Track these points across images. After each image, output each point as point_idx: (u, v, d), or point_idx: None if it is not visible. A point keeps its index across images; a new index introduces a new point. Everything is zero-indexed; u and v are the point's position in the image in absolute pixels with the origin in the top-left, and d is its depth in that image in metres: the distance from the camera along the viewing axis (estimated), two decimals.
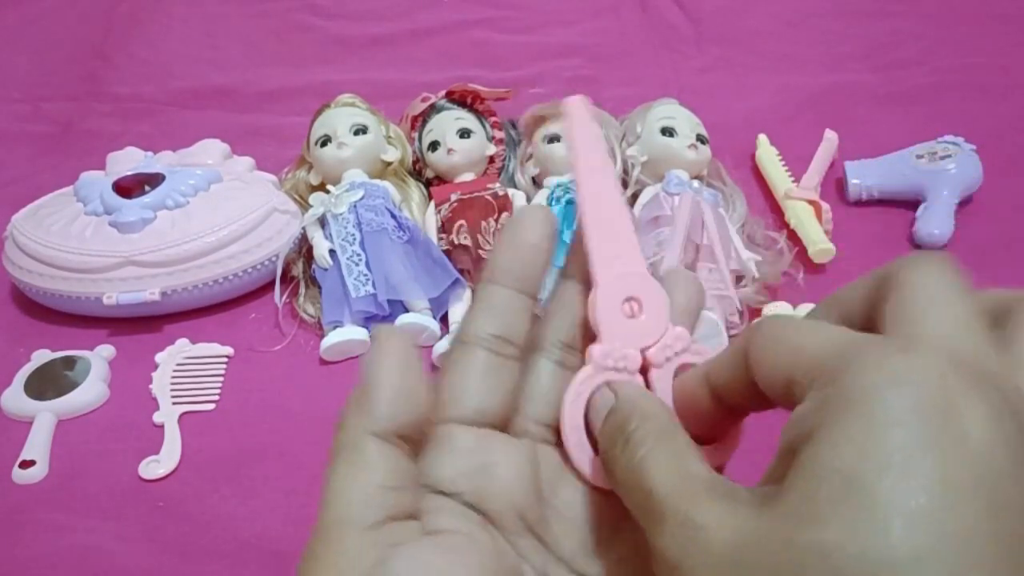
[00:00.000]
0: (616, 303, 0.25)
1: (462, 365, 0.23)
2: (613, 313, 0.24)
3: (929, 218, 0.67)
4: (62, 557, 0.48)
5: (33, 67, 0.96)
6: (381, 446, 0.21)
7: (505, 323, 0.24)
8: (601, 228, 0.25)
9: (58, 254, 0.61)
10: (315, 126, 0.68)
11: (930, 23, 0.95)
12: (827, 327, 0.19)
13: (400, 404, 0.21)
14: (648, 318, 0.25)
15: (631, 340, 0.24)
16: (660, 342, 0.25)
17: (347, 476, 0.21)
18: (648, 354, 0.24)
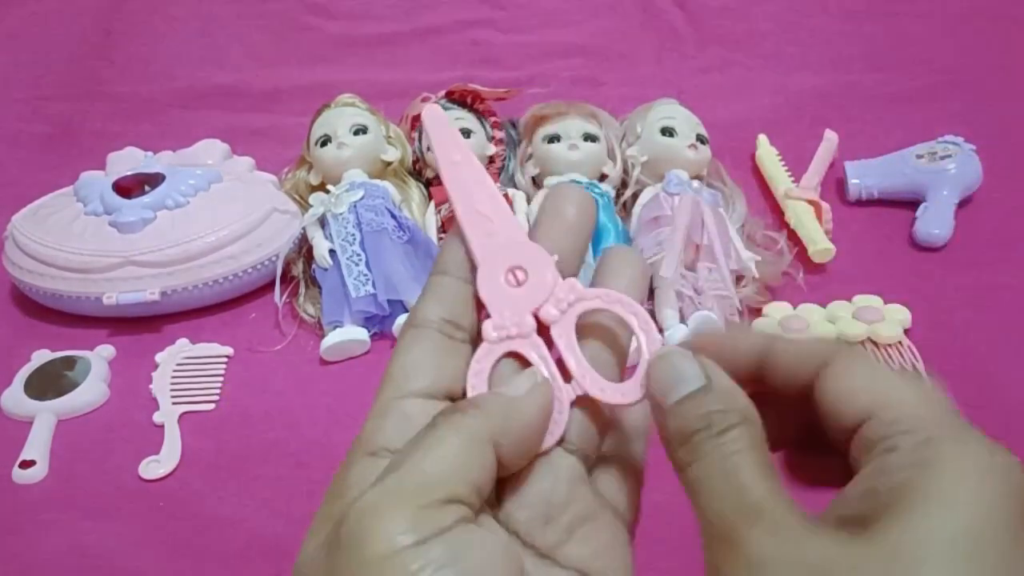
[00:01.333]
0: (498, 276, 0.25)
1: (415, 345, 0.25)
2: (496, 286, 0.25)
3: (929, 218, 0.67)
4: (62, 557, 0.48)
5: (33, 67, 0.96)
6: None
7: (454, 309, 0.25)
8: (469, 212, 0.26)
9: (58, 254, 0.61)
10: (315, 126, 0.68)
11: (930, 23, 0.95)
12: (920, 385, 0.22)
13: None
14: (533, 280, 0.25)
15: (520, 307, 0.25)
16: (550, 299, 0.25)
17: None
18: (540, 313, 0.25)
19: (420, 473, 0.21)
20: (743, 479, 0.21)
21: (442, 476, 0.21)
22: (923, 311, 0.59)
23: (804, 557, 0.19)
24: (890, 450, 0.20)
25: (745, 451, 0.21)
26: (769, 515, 0.20)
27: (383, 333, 0.61)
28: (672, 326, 0.57)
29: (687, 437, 0.22)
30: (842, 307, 0.60)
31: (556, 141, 0.66)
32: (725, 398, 0.22)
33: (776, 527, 0.20)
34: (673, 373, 0.23)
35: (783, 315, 0.59)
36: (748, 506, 0.20)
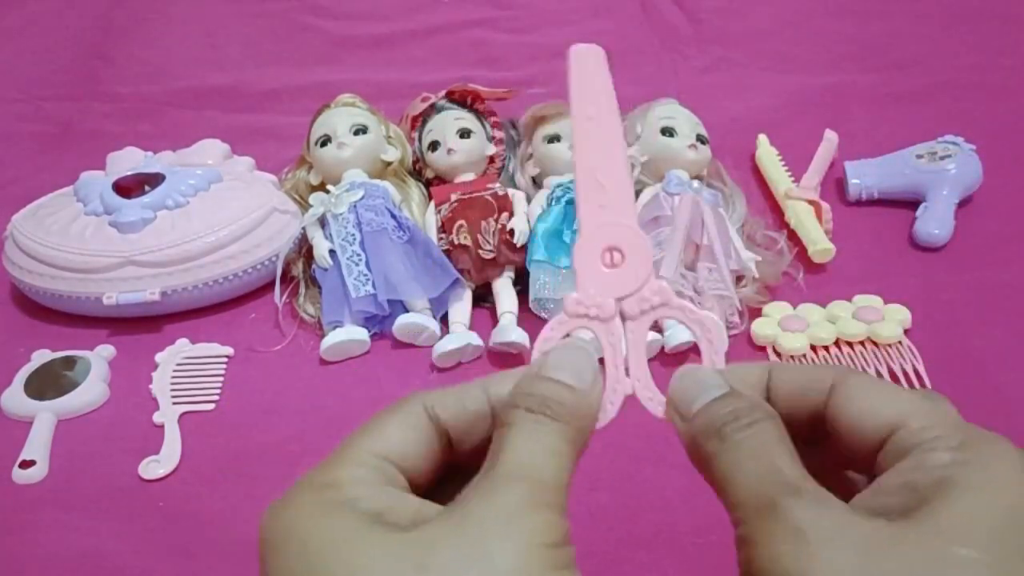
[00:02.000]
0: (595, 252, 0.25)
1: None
2: (590, 261, 0.25)
3: (929, 218, 0.67)
4: (62, 557, 0.47)
5: (33, 67, 0.96)
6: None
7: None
8: (588, 178, 0.25)
9: (58, 254, 0.61)
10: (315, 126, 0.68)
11: (930, 23, 0.95)
12: (930, 398, 0.24)
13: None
14: (628, 269, 0.25)
15: (607, 289, 0.25)
16: (637, 294, 0.25)
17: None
18: (623, 304, 0.25)
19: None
20: (778, 461, 0.22)
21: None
22: (923, 311, 0.59)
23: (851, 530, 0.20)
24: (928, 451, 0.22)
25: (776, 441, 0.23)
26: (810, 490, 0.21)
27: (383, 333, 0.61)
28: (673, 325, 0.57)
29: (716, 430, 0.23)
30: (842, 307, 0.60)
31: (556, 141, 0.66)
32: (750, 400, 0.24)
33: (820, 500, 0.21)
34: (698, 384, 0.24)
35: (783, 315, 0.59)
36: (787, 482, 0.21)
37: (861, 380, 0.24)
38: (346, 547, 0.21)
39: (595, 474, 0.49)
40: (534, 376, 0.24)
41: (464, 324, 0.60)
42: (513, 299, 0.61)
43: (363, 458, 0.24)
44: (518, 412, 0.23)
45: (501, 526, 0.21)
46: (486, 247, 0.61)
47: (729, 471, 0.22)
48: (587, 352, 0.25)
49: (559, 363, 0.24)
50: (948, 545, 0.19)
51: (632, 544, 0.45)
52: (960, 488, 0.20)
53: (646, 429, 0.53)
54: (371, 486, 0.23)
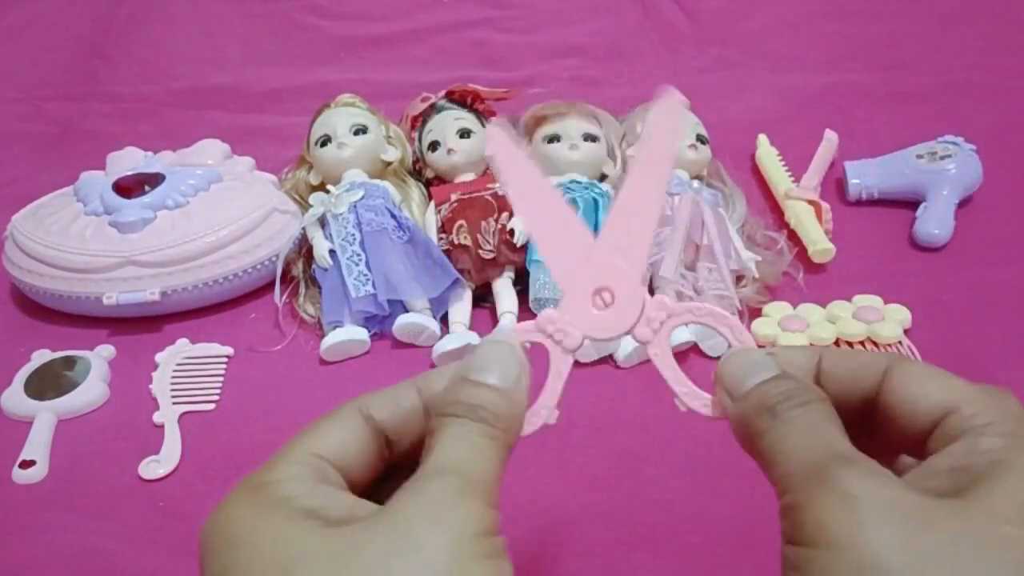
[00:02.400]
0: (589, 286, 0.25)
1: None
2: (581, 294, 0.25)
3: (929, 218, 0.67)
4: (62, 557, 0.47)
5: (33, 67, 0.96)
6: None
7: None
8: (620, 219, 0.26)
9: (58, 254, 0.61)
10: (315, 126, 0.68)
11: (930, 23, 0.95)
12: (984, 387, 0.24)
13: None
14: (616, 310, 0.25)
15: (585, 324, 0.25)
16: (640, 319, 0.25)
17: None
18: (635, 334, 0.25)
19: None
20: (831, 435, 0.22)
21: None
22: (923, 311, 0.59)
23: (902, 502, 0.20)
24: (981, 435, 0.22)
25: (829, 419, 0.23)
26: (863, 461, 0.21)
27: (383, 333, 0.61)
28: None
29: (769, 408, 0.24)
30: (842, 307, 0.60)
31: (556, 141, 0.66)
32: (802, 383, 0.24)
33: (872, 471, 0.21)
34: (750, 365, 0.25)
35: (783, 315, 0.59)
36: (840, 453, 0.22)
37: (915, 366, 0.25)
38: (277, 544, 0.21)
39: (595, 474, 0.49)
40: (460, 380, 0.25)
41: (464, 324, 0.60)
42: (513, 299, 0.61)
43: (299, 457, 0.25)
44: (446, 419, 0.24)
45: (428, 518, 0.21)
46: (486, 247, 0.61)
47: (780, 443, 0.23)
48: (511, 348, 0.25)
49: (484, 363, 0.25)
50: (999, 524, 0.19)
51: (632, 544, 0.45)
52: (1012, 471, 0.21)
53: (646, 429, 0.53)
54: (306, 484, 0.24)
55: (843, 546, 0.20)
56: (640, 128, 0.67)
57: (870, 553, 0.19)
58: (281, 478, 0.24)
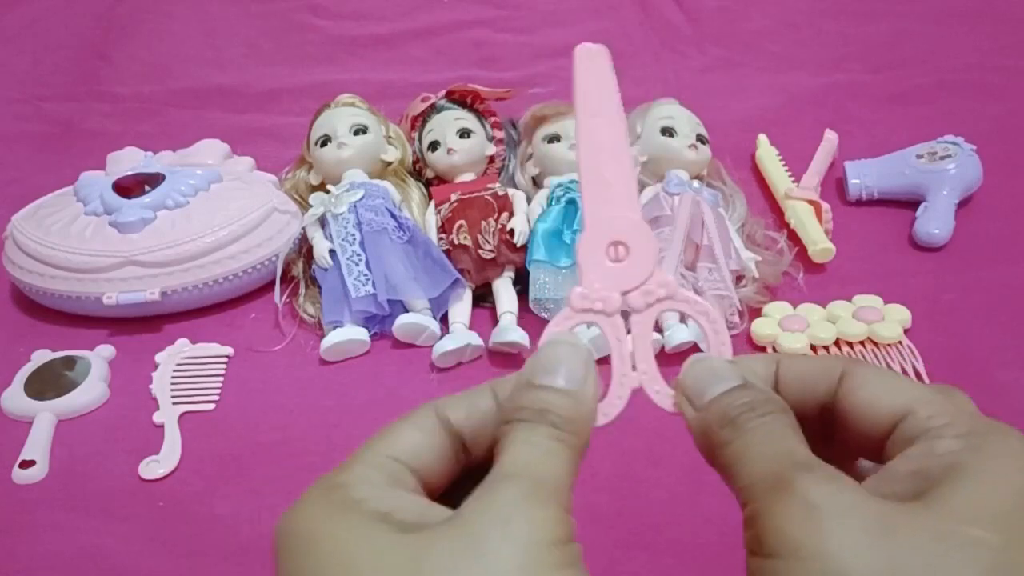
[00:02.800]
0: (600, 246, 0.25)
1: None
2: (594, 256, 0.25)
3: (929, 218, 0.67)
4: (62, 557, 0.47)
5: (33, 67, 0.96)
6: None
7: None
8: (592, 174, 0.25)
9: (58, 254, 0.61)
10: (315, 126, 0.68)
11: (930, 23, 0.95)
12: (936, 389, 0.24)
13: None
14: (633, 262, 0.25)
15: (611, 283, 0.25)
16: (642, 287, 0.25)
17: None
18: (628, 298, 0.25)
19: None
20: (792, 445, 0.22)
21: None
22: (923, 311, 0.59)
23: (863, 507, 0.20)
24: (937, 438, 0.22)
25: (790, 429, 0.23)
26: (824, 469, 0.21)
27: (383, 333, 0.61)
28: (672, 326, 0.57)
29: (730, 420, 0.23)
30: (842, 307, 0.60)
31: (556, 141, 0.66)
32: (764, 392, 0.24)
33: (833, 478, 0.21)
34: (711, 374, 0.24)
35: (783, 315, 0.59)
36: (801, 461, 0.22)
37: (870, 370, 0.25)
38: (348, 546, 0.21)
39: (595, 474, 0.49)
40: (526, 385, 0.24)
41: (464, 324, 0.60)
42: (513, 299, 0.61)
43: (373, 460, 0.24)
44: (514, 424, 0.23)
45: (498, 525, 0.21)
46: (486, 247, 0.61)
47: (741, 454, 0.23)
48: (576, 347, 0.25)
49: (549, 366, 0.24)
50: (959, 526, 0.20)
51: (632, 544, 0.45)
52: (970, 472, 0.21)
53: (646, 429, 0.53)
54: (378, 487, 0.23)
55: (806, 556, 0.20)
56: (640, 128, 0.67)
57: (833, 562, 0.19)
58: (354, 480, 0.23)
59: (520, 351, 0.58)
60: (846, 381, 0.24)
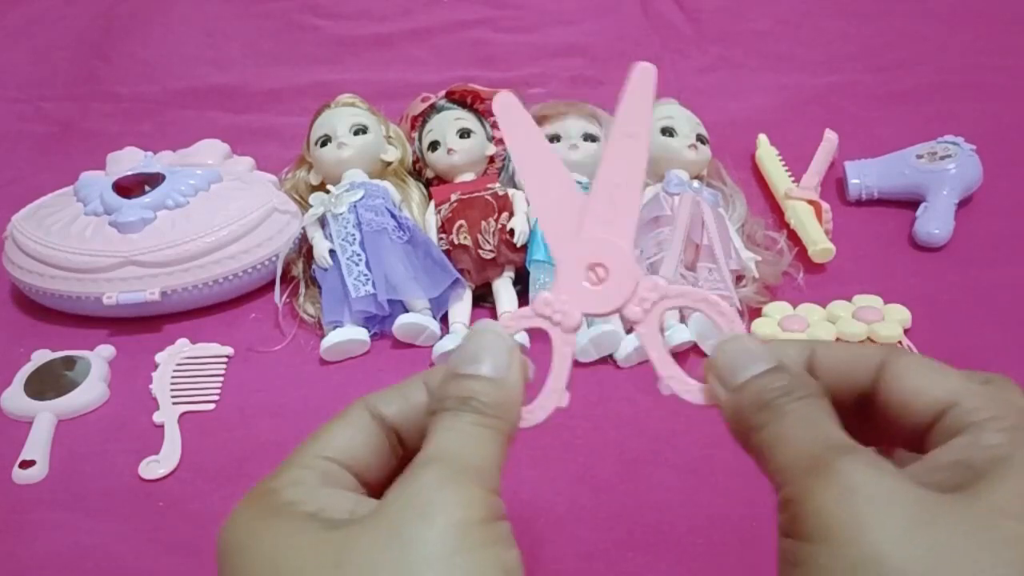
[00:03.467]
0: (583, 262, 0.25)
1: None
2: (575, 270, 0.25)
3: (929, 218, 0.67)
4: (62, 557, 0.47)
5: (33, 67, 0.96)
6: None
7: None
8: (604, 190, 0.25)
9: (58, 254, 0.61)
10: (315, 126, 0.68)
11: (930, 23, 0.95)
12: (979, 378, 0.24)
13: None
14: (611, 286, 0.25)
15: (579, 301, 0.25)
16: (632, 299, 0.25)
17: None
18: (624, 313, 0.25)
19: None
20: (830, 428, 0.22)
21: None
22: (923, 311, 0.59)
23: (905, 494, 0.20)
24: (983, 430, 0.22)
25: (827, 414, 0.22)
26: (865, 453, 0.21)
27: (383, 333, 0.61)
28: (672, 326, 0.57)
29: (766, 402, 0.23)
30: (842, 307, 0.60)
31: (556, 141, 0.66)
32: (801, 376, 0.24)
33: (874, 463, 0.21)
34: (745, 354, 0.24)
35: (783, 315, 0.59)
36: (840, 443, 0.21)
37: (913, 359, 0.24)
38: (275, 550, 0.21)
39: (595, 474, 0.49)
40: (450, 375, 0.24)
41: (464, 324, 0.60)
42: (513, 299, 0.61)
43: (305, 461, 0.24)
44: (439, 414, 0.24)
45: (418, 509, 0.20)
46: (486, 247, 0.61)
47: (777, 437, 0.22)
48: (500, 336, 0.25)
49: (474, 355, 0.24)
50: (1003, 519, 0.19)
51: (632, 544, 0.45)
52: (1016, 466, 0.20)
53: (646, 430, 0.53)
54: (310, 488, 0.23)
55: (844, 540, 0.19)
56: None
57: (871, 548, 0.19)
58: (285, 484, 0.23)
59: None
60: (887, 370, 0.24)
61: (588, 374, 0.57)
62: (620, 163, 0.25)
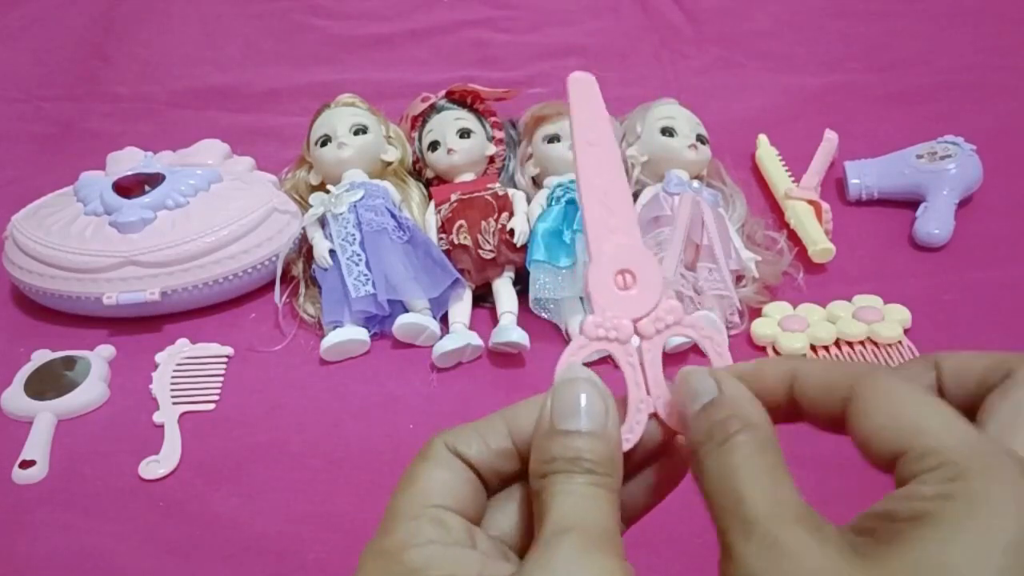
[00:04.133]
0: (608, 275, 0.25)
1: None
2: (605, 285, 0.25)
3: (929, 218, 0.67)
4: (62, 557, 0.47)
5: (33, 67, 0.96)
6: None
7: None
8: (596, 203, 0.25)
9: (58, 254, 0.61)
10: (315, 126, 0.68)
11: (930, 23, 0.95)
12: (946, 410, 0.21)
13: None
14: (640, 290, 0.25)
15: (622, 311, 0.25)
16: (652, 314, 0.25)
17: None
18: (639, 325, 0.25)
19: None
20: (742, 490, 0.21)
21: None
22: (923, 311, 0.59)
23: (801, 570, 0.19)
24: (920, 482, 0.20)
25: (746, 459, 0.21)
26: (763, 528, 0.20)
27: (383, 333, 0.61)
28: None
29: (695, 450, 0.23)
30: (842, 307, 0.60)
31: (556, 141, 0.66)
32: (731, 405, 0.23)
33: (770, 541, 0.20)
34: (689, 390, 0.24)
35: (783, 315, 0.59)
36: (743, 519, 0.21)
37: (879, 388, 0.22)
38: None
39: None
40: (551, 432, 0.23)
41: (464, 324, 0.60)
42: (513, 299, 0.61)
43: (415, 512, 0.23)
44: (549, 478, 0.23)
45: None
46: (486, 247, 0.61)
47: (706, 500, 0.22)
48: (591, 383, 0.24)
49: (571, 409, 0.24)
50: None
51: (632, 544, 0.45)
52: (931, 527, 0.18)
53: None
54: (433, 551, 0.22)
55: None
56: (640, 128, 0.67)
57: None
58: (405, 543, 0.22)
59: (520, 351, 0.58)
60: (852, 404, 0.22)
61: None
62: (595, 172, 0.25)
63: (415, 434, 0.53)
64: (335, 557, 0.47)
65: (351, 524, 0.48)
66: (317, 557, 0.47)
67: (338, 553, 0.47)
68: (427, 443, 0.25)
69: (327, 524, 0.48)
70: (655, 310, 0.25)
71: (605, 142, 0.26)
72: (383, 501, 0.24)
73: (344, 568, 0.46)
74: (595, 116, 0.26)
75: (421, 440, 0.25)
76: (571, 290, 0.59)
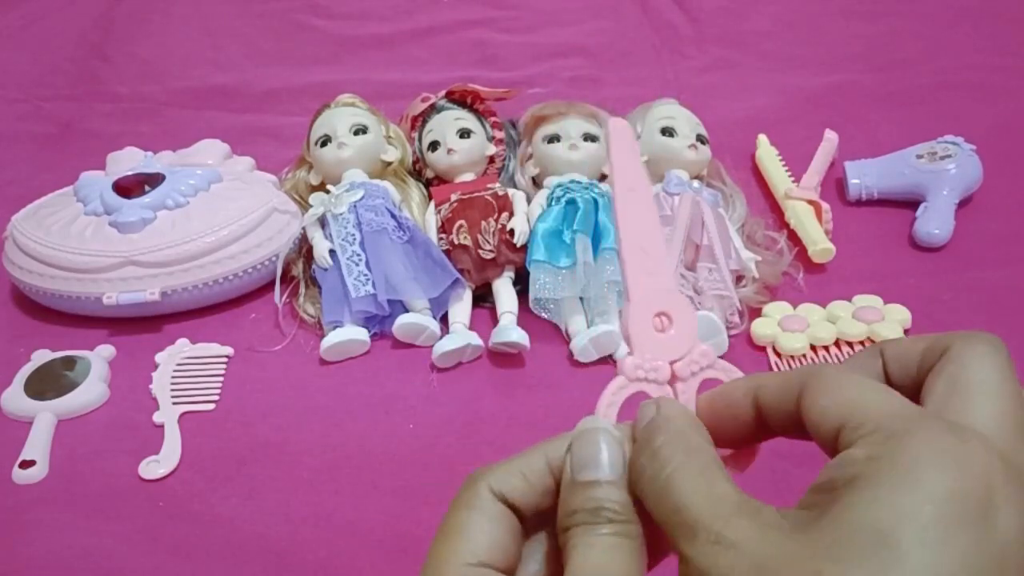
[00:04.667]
0: (647, 318, 0.26)
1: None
2: (644, 327, 0.26)
3: (929, 218, 0.67)
4: (62, 557, 0.47)
5: (33, 67, 0.96)
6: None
7: None
8: (634, 247, 0.27)
9: (58, 254, 0.61)
10: (315, 126, 0.68)
11: (930, 23, 0.95)
12: (883, 388, 0.22)
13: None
14: (677, 333, 0.26)
15: (660, 353, 0.26)
16: (687, 357, 0.26)
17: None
18: (675, 367, 0.26)
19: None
20: (679, 498, 0.21)
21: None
22: (923, 311, 0.59)
23: (745, 559, 0.19)
24: (854, 448, 0.20)
25: (677, 468, 0.22)
26: (704, 528, 0.20)
27: (383, 333, 0.61)
28: None
29: (636, 468, 0.23)
30: (842, 307, 0.60)
31: (556, 141, 0.66)
32: (660, 420, 0.24)
33: (713, 538, 0.20)
34: (638, 418, 0.24)
35: (783, 315, 0.59)
36: (685, 524, 0.21)
37: (820, 378, 0.22)
38: None
39: None
40: (570, 485, 0.24)
41: (464, 324, 0.60)
42: (513, 299, 0.61)
43: (457, 572, 0.23)
44: (572, 531, 0.23)
45: None
46: (486, 247, 0.61)
47: (649, 509, 0.23)
48: (607, 432, 0.24)
49: (591, 459, 0.24)
50: (822, 568, 0.18)
51: None
52: (861, 489, 0.19)
53: None
54: None
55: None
56: (640, 128, 0.67)
57: None
58: None
59: (520, 351, 0.58)
60: (803, 397, 0.23)
61: (588, 374, 0.57)
62: (636, 217, 0.27)
63: (415, 434, 0.53)
64: (335, 557, 0.47)
65: (351, 524, 0.48)
66: (317, 557, 0.47)
67: (338, 553, 0.47)
68: (470, 485, 0.24)
69: (327, 524, 0.48)
70: (690, 353, 0.26)
71: (642, 187, 0.27)
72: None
73: (344, 568, 0.46)
74: (633, 161, 0.27)
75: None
76: (571, 290, 0.59)
